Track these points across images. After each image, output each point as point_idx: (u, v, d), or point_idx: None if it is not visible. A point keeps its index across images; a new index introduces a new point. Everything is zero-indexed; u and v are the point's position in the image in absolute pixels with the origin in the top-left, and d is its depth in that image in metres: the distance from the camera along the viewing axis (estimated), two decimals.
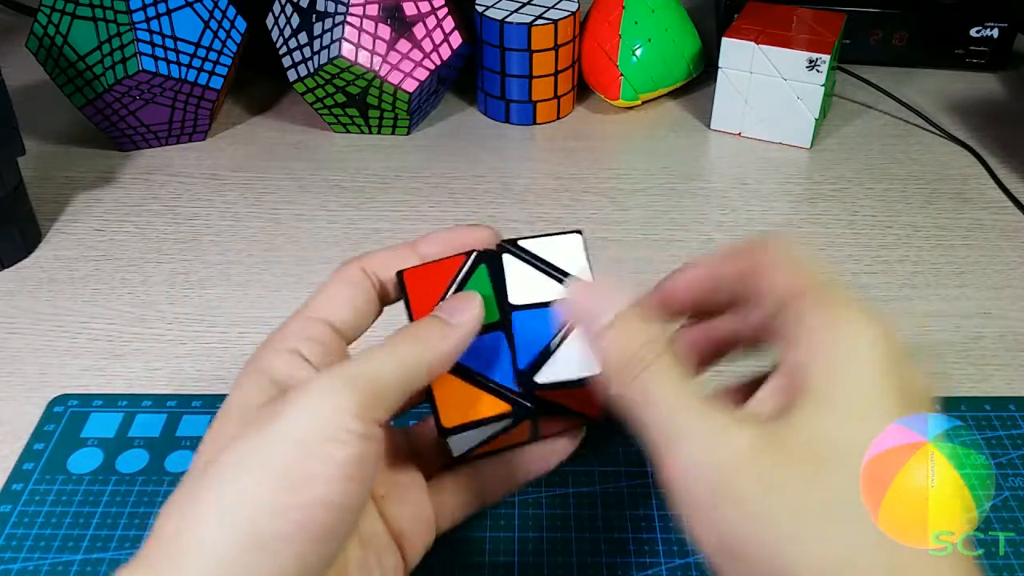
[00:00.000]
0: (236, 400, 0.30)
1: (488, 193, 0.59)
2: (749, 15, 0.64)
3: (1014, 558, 0.36)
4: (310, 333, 0.31)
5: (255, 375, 0.30)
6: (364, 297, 0.33)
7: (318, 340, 0.31)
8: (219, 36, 0.61)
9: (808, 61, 0.60)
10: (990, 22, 0.70)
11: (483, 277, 0.33)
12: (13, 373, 0.46)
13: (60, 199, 0.58)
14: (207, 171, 0.62)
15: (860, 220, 0.57)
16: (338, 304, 0.32)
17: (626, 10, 0.65)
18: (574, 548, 0.37)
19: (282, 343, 0.31)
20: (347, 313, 0.32)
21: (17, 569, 0.36)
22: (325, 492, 0.26)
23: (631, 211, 0.58)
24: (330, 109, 0.64)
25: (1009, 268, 0.53)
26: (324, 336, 0.31)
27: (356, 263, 0.33)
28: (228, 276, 0.52)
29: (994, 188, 0.60)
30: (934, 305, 0.50)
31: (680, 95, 0.70)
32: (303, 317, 0.32)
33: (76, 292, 0.51)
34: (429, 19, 0.61)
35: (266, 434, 0.27)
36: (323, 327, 0.31)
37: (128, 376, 0.46)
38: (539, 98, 0.65)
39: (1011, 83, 0.72)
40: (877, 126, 0.67)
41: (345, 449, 0.26)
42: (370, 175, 0.61)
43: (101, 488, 0.39)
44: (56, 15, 0.59)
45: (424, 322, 0.31)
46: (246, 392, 0.30)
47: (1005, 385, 0.45)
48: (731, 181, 0.61)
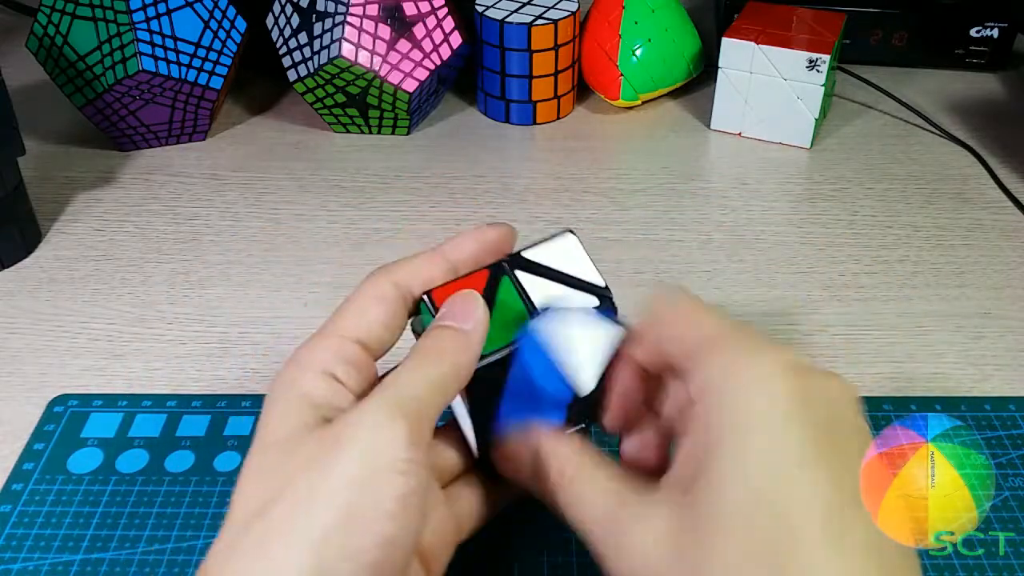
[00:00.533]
0: (275, 429, 0.28)
1: (488, 193, 0.59)
2: (749, 15, 0.64)
3: (1014, 558, 0.36)
4: (345, 355, 0.30)
5: (294, 401, 0.29)
6: (396, 315, 0.32)
7: (353, 363, 0.30)
8: (219, 36, 0.61)
9: (808, 61, 0.60)
10: (990, 22, 0.70)
11: (510, 290, 0.32)
12: (13, 373, 0.46)
13: (60, 199, 0.58)
14: (207, 171, 0.62)
15: (860, 220, 0.57)
16: (370, 322, 0.31)
17: (626, 10, 0.65)
18: (574, 548, 0.37)
19: (317, 365, 0.30)
20: (379, 332, 0.31)
21: (17, 569, 0.36)
22: (389, 529, 0.26)
23: (631, 211, 0.58)
24: (330, 109, 0.64)
25: (1009, 268, 0.53)
26: (359, 359, 0.30)
27: (385, 276, 0.32)
28: (228, 276, 0.52)
29: (994, 188, 0.60)
30: (934, 305, 0.50)
31: (680, 95, 0.70)
32: (336, 337, 0.30)
33: (76, 292, 0.51)
34: (429, 19, 0.61)
35: (325, 474, 0.26)
36: (357, 349, 0.30)
37: (128, 376, 0.46)
38: (539, 98, 0.65)
39: (1011, 83, 0.72)
40: (877, 126, 0.67)
41: (405, 481, 0.26)
42: (370, 175, 0.61)
43: (101, 488, 0.39)
44: (56, 15, 0.59)
45: (440, 335, 0.30)
46: (286, 421, 0.28)
47: (1005, 385, 0.45)
48: (731, 181, 0.61)
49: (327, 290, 0.51)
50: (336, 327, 0.31)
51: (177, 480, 0.40)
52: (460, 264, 0.33)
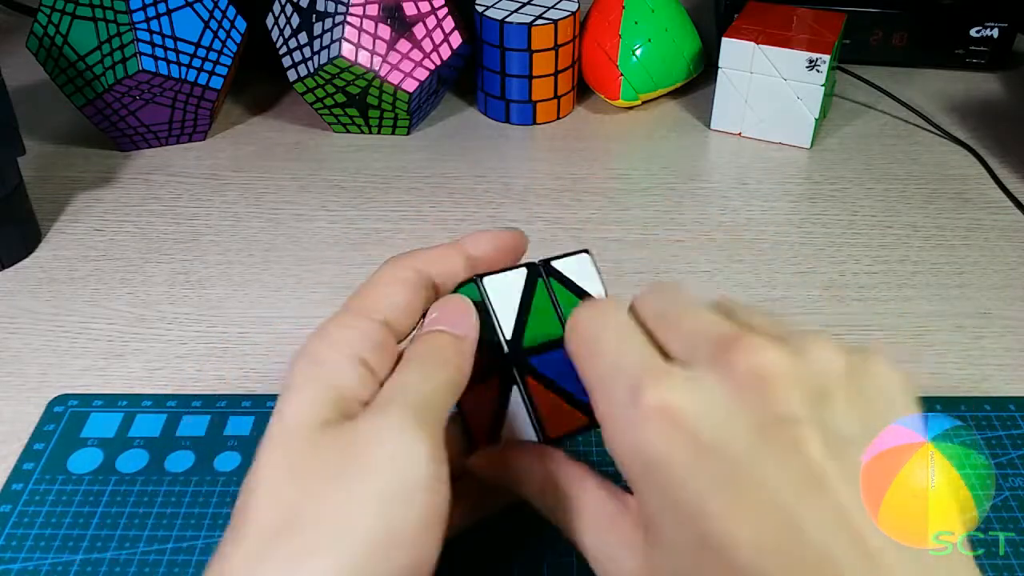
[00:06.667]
0: (296, 416, 0.27)
1: (488, 193, 0.59)
2: (749, 15, 0.64)
3: (1014, 558, 0.36)
4: (375, 338, 0.29)
5: (321, 386, 0.27)
6: (418, 299, 0.31)
7: (383, 348, 0.29)
8: (219, 36, 0.61)
9: (808, 61, 0.60)
10: (990, 22, 0.70)
11: (544, 296, 0.32)
12: (13, 373, 0.46)
13: (60, 199, 0.58)
14: (207, 171, 0.62)
15: (860, 220, 0.57)
16: (396, 304, 0.30)
17: (626, 10, 0.65)
18: (574, 548, 0.37)
19: (347, 347, 0.28)
20: (403, 316, 0.30)
21: (17, 569, 0.36)
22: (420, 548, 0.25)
23: (631, 211, 0.58)
24: (330, 109, 0.64)
25: (1009, 268, 0.53)
26: (388, 343, 0.29)
27: (408, 262, 0.31)
28: (228, 276, 0.52)
29: (994, 188, 0.60)
30: (934, 305, 0.50)
31: (680, 95, 0.70)
32: (365, 317, 0.29)
33: (76, 292, 0.51)
34: (429, 19, 0.61)
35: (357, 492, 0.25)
36: (385, 332, 0.29)
37: (128, 376, 0.46)
38: (539, 98, 0.65)
39: (1011, 83, 0.72)
40: (877, 126, 0.67)
41: (432, 499, 0.26)
42: (370, 175, 0.61)
43: (101, 488, 0.39)
44: (56, 15, 0.59)
45: (439, 340, 0.30)
46: (308, 407, 0.27)
47: (1005, 385, 0.45)
48: (731, 181, 0.61)
49: (327, 290, 0.51)
50: (363, 305, 0.30)
51: (177, 480, 0.40)
52: (477, 260, 0.33)
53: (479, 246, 0.33)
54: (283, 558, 0.25)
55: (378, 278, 0.31)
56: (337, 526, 0.25)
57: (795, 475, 0.24)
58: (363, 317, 0.29)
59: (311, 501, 0.25)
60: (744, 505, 0.24)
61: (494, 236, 0.33)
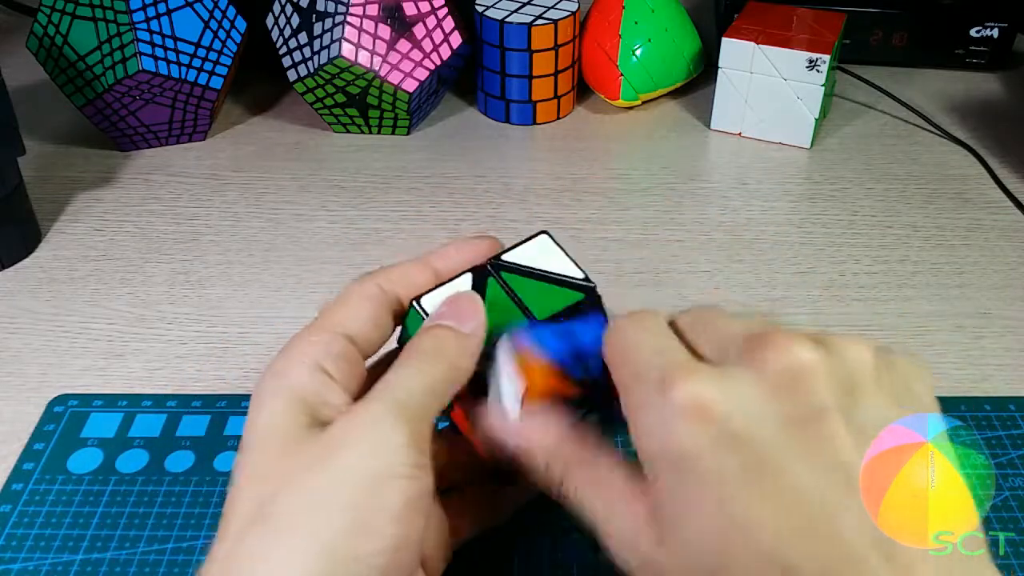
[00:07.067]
0: (269, 424, 0.28)
1: (488, 193, 0.59)
2: (749, 15, 0.64)
3: (1014, 558, 0.36)
4: (336, 349, 0.29)
5: (285, 396, 0.28)
6: (384, 314, 0.31)
7: (344, 357, 0.29)
8: (219, 36, 0.61)
9: (808, 61, 0.60)
10: (990, 22, 0.70)
11: (498, 292, 0.32)
12: (13, 373, 0.46)
13: (60, 199, 0.58)
14: (207, 171, 0.62)
15: (860, 220, 0.57)
16: (359, 319, 0.31)
17: (626, 10, 0.65)
18: (574, 548, 0.37)
19: (306, 358, 0.29)
20: (368, 329, 0.31)
21: (17, 569, 0.36)
22: (397, 533, 0.26)
23: (631, 211, 0.58)
24: (330, 109, 0.64)
25: (1009, 268, 0.53)
26: (349, 354, 0.30)
27: (372, 279, 0.32)
28: (228, 276, 0.52)
29: (994, 188, 0.60)
30: (934, 305, 0.50)
31: (680, 95, 0.70)
32: (326, 330, 0.30)
33: (76, 292, 0.51)
34: (429, 19, 0.61)
35: (329, 477, 0.26)
36: (347, 343, 0.30)
37: (128, 376, 0.46)
38: (539, 98, 0.65)
39: (1011, 83, 0.72)
40: (877, 126, 0.67)
41: (410, 485, 0.26)
42: (370, 175, 0.61)
43: (101, 488, 0.39)
44: (56, 15, 0.59)
45: (439, 335, 0.30)
46: (278, 416, 0.28)
47: (1005, 385, 0.45)
48: (731, 181, 0.61)
49: (327, 290, 0.51)
50: (325, 322, 0.31)
51: (177, 480, 0.40)
52: (445, 273, 0.33)
53: (446, 259, 0.33)
54: (256, 542, 0.25)
55: (343, 296, 0.32)
56: (309, 512, 0.26)
57: (824, 466, 0.24)
58: (325, 331, 0.30)
59: (285, 492, 0.26)
60: (772, 491, 0.24)
61: (460, 248, 0.33)
